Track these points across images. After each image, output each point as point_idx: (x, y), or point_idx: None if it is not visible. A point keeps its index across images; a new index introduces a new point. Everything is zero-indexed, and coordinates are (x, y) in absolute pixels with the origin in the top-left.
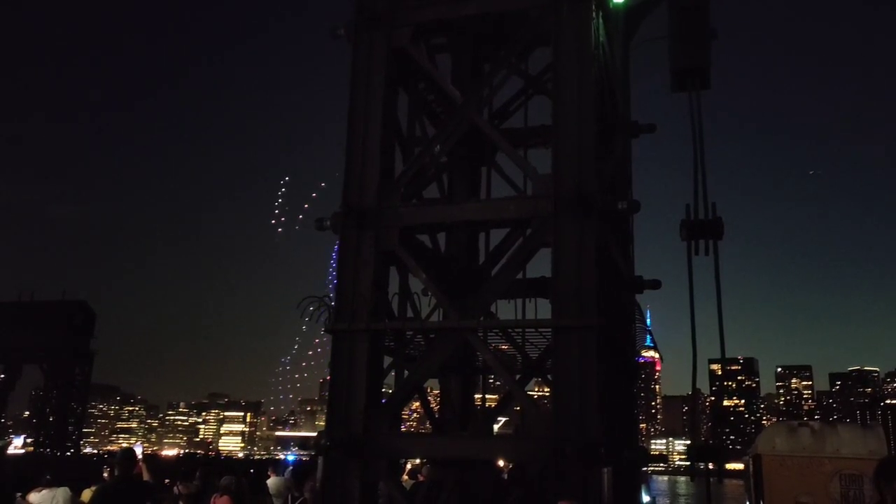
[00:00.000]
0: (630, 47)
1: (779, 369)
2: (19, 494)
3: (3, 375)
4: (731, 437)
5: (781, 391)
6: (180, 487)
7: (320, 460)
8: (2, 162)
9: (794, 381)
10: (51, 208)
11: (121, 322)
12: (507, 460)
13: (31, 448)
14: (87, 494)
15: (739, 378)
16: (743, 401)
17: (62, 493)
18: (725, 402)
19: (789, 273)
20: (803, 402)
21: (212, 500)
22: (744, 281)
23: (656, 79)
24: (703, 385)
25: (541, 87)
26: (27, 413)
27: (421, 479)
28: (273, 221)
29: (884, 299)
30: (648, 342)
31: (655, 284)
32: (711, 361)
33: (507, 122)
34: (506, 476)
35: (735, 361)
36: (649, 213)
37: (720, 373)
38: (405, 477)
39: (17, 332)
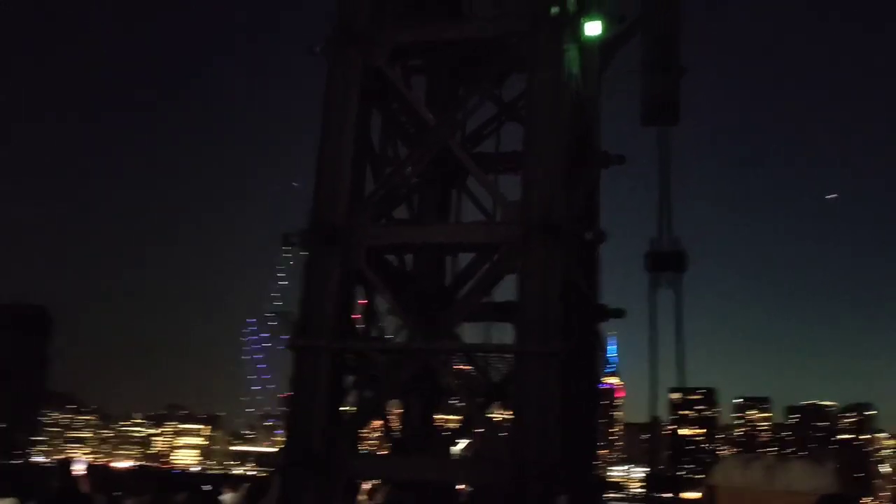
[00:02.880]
0: (602, 79)
1: (737, 400)
2: None
3: None
4: (690, 465)
5: (738, 422)
6: (131, 502)
7: (277, 478)
8: None
9: (752, 412)
10: (7, 208)
11: (79, 329)
12: (465, 484)
13: None
14: None
15: (699, 407)
16: (703, 430)
17: (9, 503)
18: (685, 431)
19: (752, 304)
20: (760, 434)
21: None
22: (706, 310)
23: (628, 110)
24: (664, 414)
25: (514, 113)
26: None
27: (379, 498)
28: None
29: (844, 334)
30: (610, 369)
31: (619, 313)
32: (672, 390)
33: (482, 147)
34: (464, 498)
35: (695, 391)
36: (617, 241)
37: (681, 402)
38: (363, 497)
39: None
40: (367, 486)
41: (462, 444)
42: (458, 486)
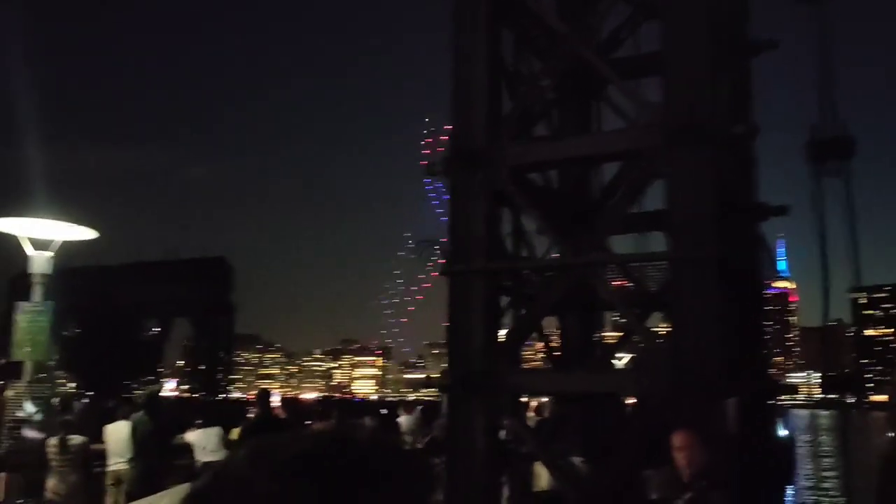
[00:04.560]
0: None
1: None
2: (179, 434)
3: (158, 328)
4: (878, 368)
5: None
6: (319, 426)
7: (444, 399)
8: (140, 130)
9: None
10: (186, 170)
11: (257, 276)
12: (625, 394)
13: (188, 393)
14: (235, 433)
15: (886, 306)
16: (891, 330)
17: (215, 431)
18: (871, 332)
19: None
20: None
21: None
22: (888, 201)
23: None
24: (845, 314)
25: (652, 10)
26: (181, 362)
27: (546, 413)
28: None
29: None
30: (779, 272)
31: (781, 211)
32: (853, 290)
33: (621, 52)
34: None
35: (881, 288)
36: (775, 133)
37: (865, 301)
38: (531, 414)
39: (166, 287)
40: (534, 403)
41: (624, 357)
42: (625, 400)
